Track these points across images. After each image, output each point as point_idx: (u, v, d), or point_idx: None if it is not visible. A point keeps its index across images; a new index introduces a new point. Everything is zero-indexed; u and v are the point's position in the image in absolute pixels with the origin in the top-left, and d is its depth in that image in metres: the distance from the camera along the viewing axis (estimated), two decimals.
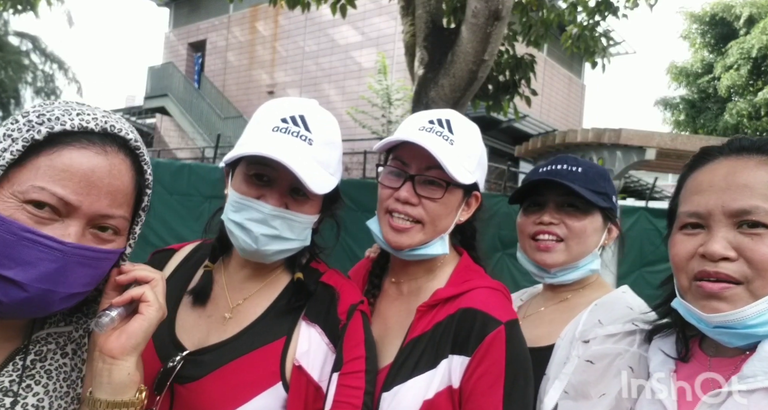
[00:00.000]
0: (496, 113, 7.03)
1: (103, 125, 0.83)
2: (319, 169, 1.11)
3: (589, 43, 6.64)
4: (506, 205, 7.12)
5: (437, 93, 4.75)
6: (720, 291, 0.92)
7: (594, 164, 1.52)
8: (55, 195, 0.76)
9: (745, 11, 17.18)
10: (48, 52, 17.71)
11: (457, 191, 1.26)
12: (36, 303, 0.77)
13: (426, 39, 5.00)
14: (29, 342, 0.88)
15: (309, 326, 1.13)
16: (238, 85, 18.83)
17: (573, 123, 18.86)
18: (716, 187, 0.96)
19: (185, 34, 20.93)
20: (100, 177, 0.80)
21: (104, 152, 0.82)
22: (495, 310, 1.16)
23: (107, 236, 0.84)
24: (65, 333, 0.93)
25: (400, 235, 1.24)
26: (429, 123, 1.26)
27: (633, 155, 8.28)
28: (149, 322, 0.87)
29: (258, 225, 1.09)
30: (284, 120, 1.12)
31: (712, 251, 0.92)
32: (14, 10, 9.46)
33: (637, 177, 14.23)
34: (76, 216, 0.79)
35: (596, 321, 1.34)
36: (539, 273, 1.53)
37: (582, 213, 1.45)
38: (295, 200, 1.12)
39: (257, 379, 1.07)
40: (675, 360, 1.07)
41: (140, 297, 0.88)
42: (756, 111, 16.59)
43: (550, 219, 1.46)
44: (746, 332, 0.91)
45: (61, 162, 0.78)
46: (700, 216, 0.97)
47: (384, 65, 13.41)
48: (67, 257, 0.77)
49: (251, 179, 1.12)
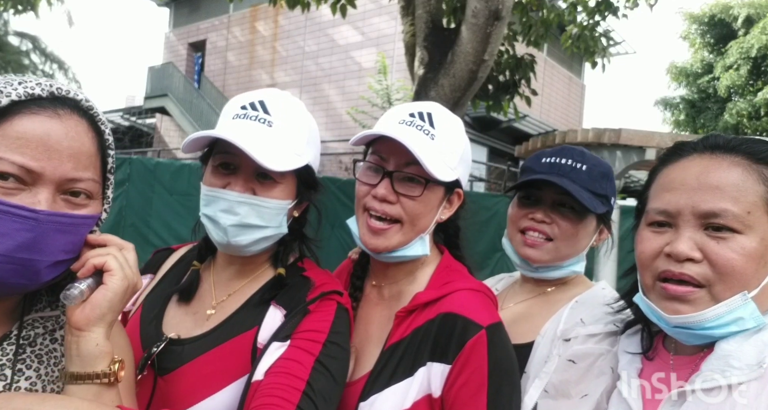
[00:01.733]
0: (496, 113, 7.02)
1: (49, 88, 0.81)
2: (279, 148, 1.09)
3: (589, 43, 6.64)
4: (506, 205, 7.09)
5: (437, 93, 4.75)
6: (684, 295, 0.93)
7: (599, 162, 1.45)
8: (15, 164, 0.75)
9: (743, 12, 17.19)
10: (48, 52, 17.70)
11: (437, 188, 1.20)
12: (22, 273, 0.77)
13: (426, 39, 5.00)
14: (21, 325, 0.87)
15: (275, 308, 1.11)
16: (238, 85, 18.82)
17: (573, 123, 18.86)
18: (687, 186, 0.95)
19: (185, 34, 20.93)
20: (57, 140, 0.79)
21: (57, 115, 0.80)
22: (475, 314, 1.11)
23: (80, 200, 0.83)
24: (53, 317, 0.92)
25: (377, 237, 1.19)
26: (410, 116, 1.20)
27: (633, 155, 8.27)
28: (113, 292, 0.84)
29: (225, 215, 1.08)
30: (243, 107, 1.13)
31: (678, 251, 0.92)
32: (14, 10, 9.46)
33: (637, 177, 14.22)
34: (42, 183, 0.78)
35: (578, 319, 1.32)
36: (522, 265, 1.50)
37: (576, 217, 1.40)
38: (262, 185, 1.10)
39: (229, 369, 1.06)
40: (641, 359, 1.08)
41: (103, 266, 0.85)
42: (756, 111, 16.59)
43: (543, 218, 1.41)
44: (703, 333, 0.93)
45: (13, 131, 0.77)
46: (669, 215, 0.97)
47: (384, 65, 13.41)
48: (42, 225, 0.77)
49: (218, 170, 1.11)
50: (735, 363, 0.90)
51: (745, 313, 0.91)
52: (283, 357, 1.02)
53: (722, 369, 0.91)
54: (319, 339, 1.05)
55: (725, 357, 0.91)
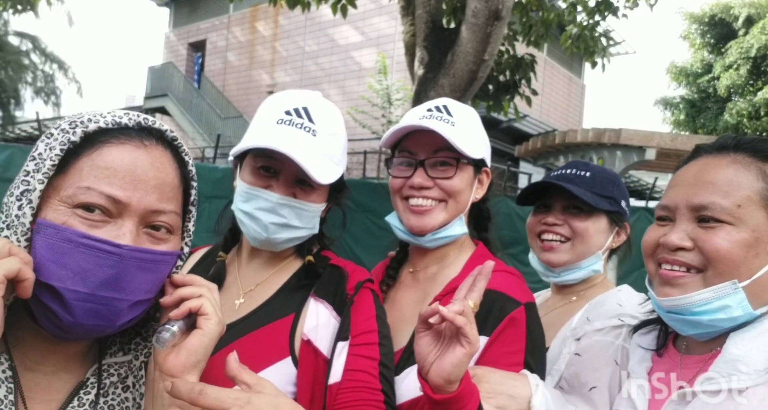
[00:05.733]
0: (496, 113, 7.02)
1: (136, 119, 0.81)
2: (323, 159, 1.14)
3: (589, 43, 6.64)
4: (506, 205, 7.12)
5: (437, 93, 4.75)
6: (674, 278, 0.98)
7: (604, 170, 1.59)
8: (102, 194, 0.74)
9: (744, 12, 17.20)
10: (48, 52, 17.68)
11: (467, 167, 1.29)
12: (103, 314, 0.73)
13: (426, 39, 5.00)
14: (100, 373, 0.83)
15: (317, 302, 1.14)
16: (238, 85, 18.83)
17: (573, 123, 18.86)
18: (686, 182, 1.02)
19: (185, 34, 20.93)
20: (144, 170, 0.77)
21: (143, 146, 0.79)
22: (514, 291, 1.17)
23: (161, 235, 0.80)
24: (125, 363, 0.88)
25: (422, 217, 1.27)
26: (428, 111, 1.30)
27: (633, 155, 8.29)
28: (209, 337, 0.80)
29: (267, 214, 1.12)
30: (288, 112, 1.15)
31: (669, 241, 0.99)
32: (14, 10, 9.46)
33: (637, 177, 14.23)
34: (127, 215, 0.75)
35: (586, 318, 1.41)
36: (545, 273, 1.60)
37: (585, 215, 1.51)
38: (302, 190, 1.15)
39: (266, 353, 1.09)
40: (651, 357, 1.10)
41: (198, 310, 0.81)
42: (756, 111, 16.58)
43: (554, 220, 1.53)
44: (692, 318, 0.96)
45: (102, 160, 0.75)
46: (669, 210, 1.03)
47: (384, 65, 13.41)
48: (125, 260, 0.73)
49: (259, 171, 1.15)
50: (743, 368, 0.91)
51: (733, 302, 0.93)
52: (352, 369, 1.07)
53: (729, 372, 0.92)
54: (374, 339, 1.11)
55: (733, 361, 0.92)
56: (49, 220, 0.73)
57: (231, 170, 1.28)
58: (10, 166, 5.68)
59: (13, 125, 17.09)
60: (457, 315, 0.89)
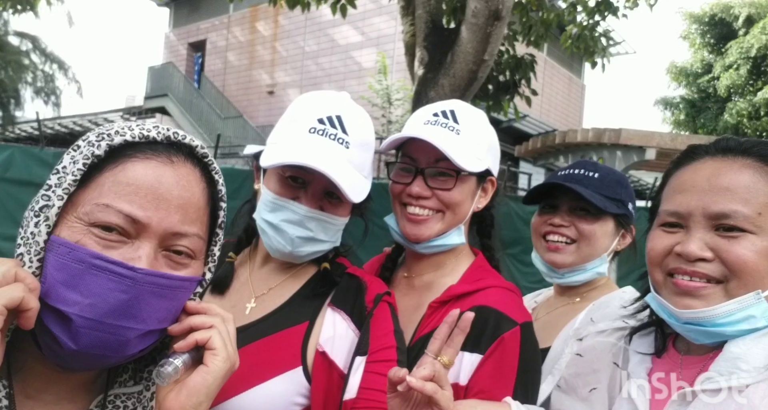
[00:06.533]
0: (496, 113, 7.02)
1: (165, 133, 0.76)
2: (354, 173, 1.11)
3: (589, 43, 6.63)
4: (506, 205, 7.13)
5: (437, 93, 4.75)
6: (695, 290, 0.93)
7: (612, 171, 1.55)
8: (121, 212, 0.69)
9: (744, 11, 17.20)
10: (48, 52, 17.67)
11: (469, 179, 1.25)
12: (110, 344, 0.68)
13: (426, 39, 4.99)
14: (104, 405, 0.77)
15: (334, 312, 1.11)
16: (238, 85, 18.82)
17: (573, 123, 18.86)
18: (698, 188, 0.96)
19: (185, 34, 20.93)
20: (168, 189, 0.72)
21: (170, 162, 0.74)
22: (510, 310, 1.14)
23: (181, 259, 0.74)
24: (134, 393, 0.81)
25: (418, 226, 1.24)
26: (434, 116, 1.26)
27: (633, 155, 8.28)
28: (214, 376, 0.72)
29: (293, 227, 1.09)
30: (321, 121, 1.10)
31: (689, 251, 0.93)
32: (14, 10, 9.46)
33: (637, 177, 14.22)
34: (146, 236, 0.70)
35: (589, 319, 1.39)
36: (549, 273, 1.58)
37: (592, 217, 1.48)
38: (329, 203, 1.12)
39: (276, 361, 1.06)
40: (651, 359, 1.08)
41: (206, 343, 0.74)
42: (756, 111, 16.59)
43: (561, 222, 1.51)
44: (714, 330, 0.93)
45: (125, 176, 0.71)
46: (680, 216, 0.97)
47: (384, 65, 13.42)
48: (139, 286, 0.68)
49: (286, 181, 1.11)
50: (743, 366, 0.90)
51: (758, 312, 0.90)
52: (369, 387, 1.03)
53: (730, 370, 0.90)
54: (392, 356, 1.07)
55: (734, 360, 0.91)
56: (63, 238, 0.69)
57: (231, 171, 1.27)
58: (10, 166, 5.67)
59: (13, 125, 17.11)
60: (426, 384, 0.84)
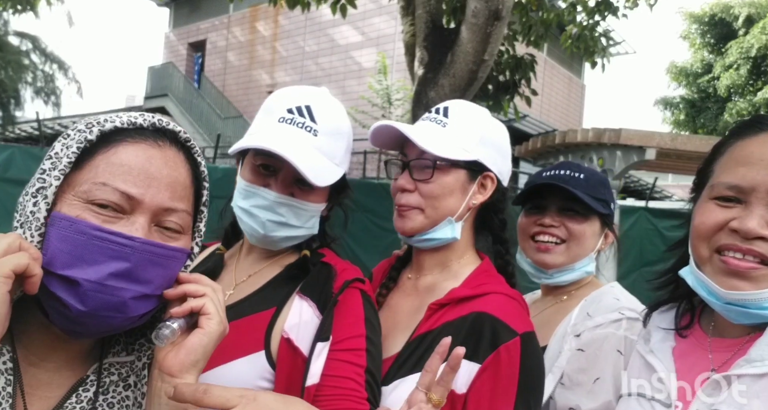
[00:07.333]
0: (496, 113, 7.02)
1: (151, 120, 0.84)
2: (323, 160, 1.13)
3: (589, 43, 6.63)
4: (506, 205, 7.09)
5: (437, 93, 4.75)
6: (746, 271, 0.88)
7: (595, 172, 1.58)
8: (117, 190, 0.76)
9: (744, 11, 17.20)
10: (48, 52, 17.65)
11: (451, 170, 1.22)
12: (115, 305, 0.74)
13: (426, 39, 5.00)
14: (100, 371, 0.84)
15: (302, 299, 1.12)
16: (238, 85, 18.83)
17: (573, 123, 18.86)
18: (765, 162, 0.89)
19: (185, 34, 20.93)
20: (157, 169, 0.80)
21: (158, 145, 0.82)
22: (511, 319, 1.10)
23: (172, 233, 0.82)
24: (127, 363, 0.88)
25: (402, 219, 1.25)
26: (428, 113, 1.30)
27: (633, 155, 8.27)
28: (209, 337, 0.80)
29: (264, 211, 1.13)
30: (290, 111, 1.15)
31: (749, 228, 0.87)
32: (14, 10, 9.46)
33: (637, 177, 14.22)
34: (140, 211, 0.78)
35: (585, 314, 1.40)
36: (536, 274, 1.57)
37: (582, 217, 1.50)
38: (300, 190, 1.15)
39: (240, 344, 1.08)
40: (674, 336, 1.04)
41: (201, 309, 0.81)
42: (756, 111, 16.57)
43: (551, 222, 1.51)
44: (758, 312, 0.88)
45: (117, 158, 0.78)
46: (742, 190, 0.90)
47: (384, 65, 13.41)
48: (138, 253, 0.75)
49: (258, 169, 1.15)
50: None
51: None
52: (336, 375, 1.03)
53: None
54: (361, 345, 1.07)
55: None
56: (63, 213, 0.75)
57: (231, 170, 1.29)
58: (10, 166, 5.68)
59: (13, 125, 17.08)
60: None
